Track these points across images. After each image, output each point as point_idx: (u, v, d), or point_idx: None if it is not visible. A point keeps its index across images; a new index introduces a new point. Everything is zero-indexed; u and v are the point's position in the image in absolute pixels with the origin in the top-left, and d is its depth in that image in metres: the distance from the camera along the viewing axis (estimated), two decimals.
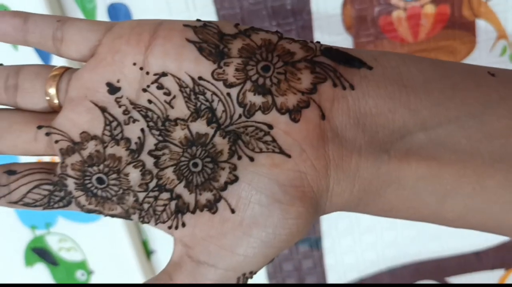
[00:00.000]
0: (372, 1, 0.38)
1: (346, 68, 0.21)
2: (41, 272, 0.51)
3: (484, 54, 0.40)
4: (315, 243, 0.48)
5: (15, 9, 0.39)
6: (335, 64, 0.21)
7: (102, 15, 0.40)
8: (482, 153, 0.21)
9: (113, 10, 0.40)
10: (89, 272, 0.50)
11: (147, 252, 0.50)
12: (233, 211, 0.21)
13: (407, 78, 0.21)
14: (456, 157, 0.21)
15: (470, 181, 0.21)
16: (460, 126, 0.21)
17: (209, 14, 0.39)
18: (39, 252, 0.50)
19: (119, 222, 0.46)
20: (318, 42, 0.22)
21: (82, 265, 0.50)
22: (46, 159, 0.39)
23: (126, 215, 0.23)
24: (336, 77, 0.21)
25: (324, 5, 0.39)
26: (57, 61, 0.41)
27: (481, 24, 0.39)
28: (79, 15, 0.40)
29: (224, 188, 0.21)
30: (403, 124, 0.21)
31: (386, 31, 0.39)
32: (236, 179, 0.21)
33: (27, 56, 0.41)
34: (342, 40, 0.40)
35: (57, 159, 0.37)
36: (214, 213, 0.21)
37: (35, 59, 0.41)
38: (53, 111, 0.23)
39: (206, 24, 0.22)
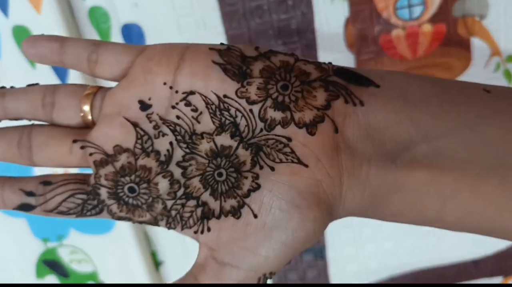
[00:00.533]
0: (373, 21, 0.40)
1: (356, 86, 0.23)
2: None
3: (479, 70, 0.41)
4: (319, 252, 0.49)
5: (35, 29, 0.41)
6: (346, 83, 0.23)
7: (116, 35, 0.41)
8: (478, 160, 0.22)
9: (126, 30, 0.41)
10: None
11: (155, 263, 0.50)
12: (255, 216, 0.23)
13: (411, 94, 0.23)
14: (455, 165, 0.22)
15: (468, 186, 0.22)
16: (458, 136, 0.22)
17: (218, 34, 0.40)
18: (50, 264, 0.51)
19: (129, 233, 0.47)
20: (330, 63, 0.24)
21: (92, 276, 0.51)
22: (60, 171, 0.40)
23: (154, 222, 0.24)
24: (347, 94, 0.23)
25: (327, 25, 0.40)
26: (74, 79, 0.42)
27: (476, 42, 0.40)
28: (94, 35, 0.41)
29: (247, 195, 0.23)
30: (407, 136, 0.22)
31: (386, 48, 0.41)
32: (258, 186, 0.23)
33: (44, 74, 0.42)
34: (344, 57, 0.41)
35: (70, 171, 0.38)
36: (238, 218, 0.23)
37: (52, 77, 0.42)
38: (86, 126, 0.25)
39: (229, 48, 0.23)
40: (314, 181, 0.22)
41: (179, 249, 0.49)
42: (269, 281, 0.49)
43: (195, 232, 0.24)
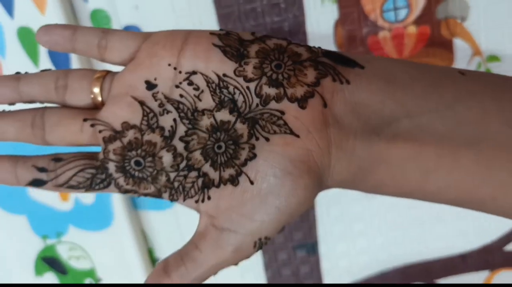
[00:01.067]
0: (361, 23, 0.41)
1: (343, 67, 0.25)
2: (50, 281, 0.52)
3: None
4: (312, 248, 0.50)
5: None
6: (334, 63, 0.25)
7: None
8: (456, 136, 0.24)
9: None
10: (97, 280, 0.51)
11: (152, 260, 0.51)
12: (252, 183, 0.24)
13: (394, 76, 0.25)
14: (434, 140, 0.24)
15: (447, 160, 0.24)
16: (437, 115, 0.24)
17: None
18: (49, 261, 0.51)
19: (126, 230, 0.48)
20: (320, 47, 0.26)
21: (90, 273, 0.51)
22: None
23: (158, 194, 0.26)
24: (335, 73, 0.25)
25: (318, 27, 0.42)
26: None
27: (458, 43, 0.42)
28: None
29: (244, 164, 0.25)
30: (390, 112, 0.24)
31: (373, 49, 0.42)
32: (254, 156, 0.24)
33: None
34: None
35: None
36: (236, 185, 0.25)
37: None
38: (95, 107, 0.27)
39: (228, 32, 0.25)
40: (305, 151, 0.24)
41: (175, 246, 0.50)
42: (264, 279, 0.50)
43: (196, 201, 0.25)
